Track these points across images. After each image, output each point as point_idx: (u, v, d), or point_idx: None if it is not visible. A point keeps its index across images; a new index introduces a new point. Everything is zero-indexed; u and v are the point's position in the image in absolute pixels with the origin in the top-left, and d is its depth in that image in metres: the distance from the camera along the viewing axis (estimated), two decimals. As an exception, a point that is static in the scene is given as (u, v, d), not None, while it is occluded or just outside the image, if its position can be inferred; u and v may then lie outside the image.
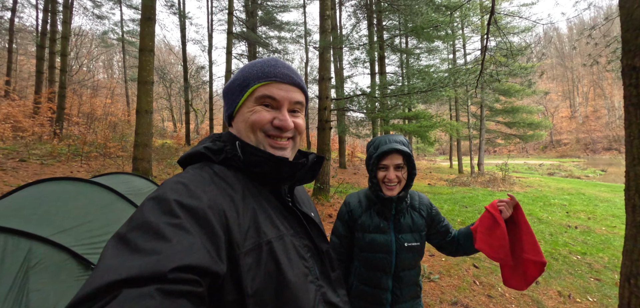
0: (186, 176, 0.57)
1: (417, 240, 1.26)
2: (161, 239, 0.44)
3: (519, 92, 15.84)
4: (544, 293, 3.26)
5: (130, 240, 0.44)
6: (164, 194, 0.51)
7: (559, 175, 18.77)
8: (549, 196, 9.42)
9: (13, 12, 14.21)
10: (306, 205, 0.80)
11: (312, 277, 0.64)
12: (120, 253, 0.42)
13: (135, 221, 0.47)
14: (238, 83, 0.69)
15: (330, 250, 0.74)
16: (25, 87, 17.68)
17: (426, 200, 1.34)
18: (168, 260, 0.41)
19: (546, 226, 5.93)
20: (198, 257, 0.44)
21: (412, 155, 1.24)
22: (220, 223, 0.52)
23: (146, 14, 6.19)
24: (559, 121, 48.19)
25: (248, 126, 0.66)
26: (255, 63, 0.69)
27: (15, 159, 6.97)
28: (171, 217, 0.47)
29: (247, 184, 0.63)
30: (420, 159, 29.63)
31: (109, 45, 21.46)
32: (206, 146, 0.67)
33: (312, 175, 0.74)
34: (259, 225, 0.59)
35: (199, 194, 0.53)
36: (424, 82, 7.08)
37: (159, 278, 0.40)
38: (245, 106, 0.67)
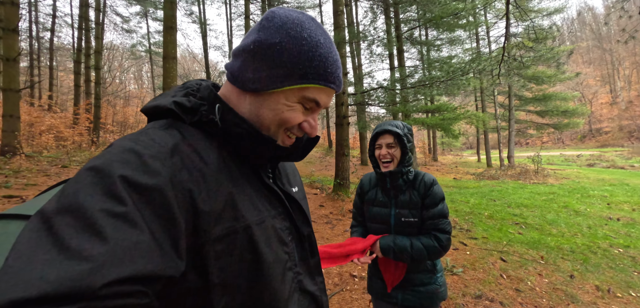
0: (143, 140, 0.45)
1: (415, 216, 1.35)
2: (95, 237, 0.33)
3: (550, 78, 14.83)
4: (580, 288, 3.03)
5: (54, 229, 0.33)
6: (109, 165, 0.39)
7: (600, 166, 17.33)
8: (588, 188, 8.75)
9: (52, 32, 15.48)
10: (290, 180, 0.72)
11: (291, 263, 0.59)
12: (37, 248, 0.32)
13: (67, 200, 0.36)
14: (290, 62, 0.52)
15: (311, 233, 0.68)
16: (66, 101, 19.20)
17: (429, 178, 1.38)
18: (100, 271, 0.32)
19: (584, 219, 5.52)
20: (144, 262, 0.35)
21: (404, 136, 1.36)
22: (183, 205, 0.43)
23: (168, 23, 6.50)
24: (598, 108, 44.48)
25: (277, 119, 0.55)
26: (317, 48, 0.53)
27: (58, 166, 7.60)
28: (113, 203, 0.36)
29: (222, 156, 0.53)
30: (446, 154, 28.63)
31: (138, 57, 22.77)
32: (176, 101, 0.53)
33: (301, 154, 0.67)
34: (236, 207, 0.50)
35: (157, 167, 0.42)
36: (443, 71, 6.83)
37: (85, 295, 0.30)
38: (284, 95, 0.54)
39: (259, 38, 0.53)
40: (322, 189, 7.15)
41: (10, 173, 6.11)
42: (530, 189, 8.67)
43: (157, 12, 16.90)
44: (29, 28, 16.62)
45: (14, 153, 7.26)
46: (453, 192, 8.31)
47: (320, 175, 10.01)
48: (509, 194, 7.96)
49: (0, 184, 5.35)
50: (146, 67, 30.04)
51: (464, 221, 5.33)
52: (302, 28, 0.53)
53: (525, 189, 8.68)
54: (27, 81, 15.81)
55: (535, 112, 17.25)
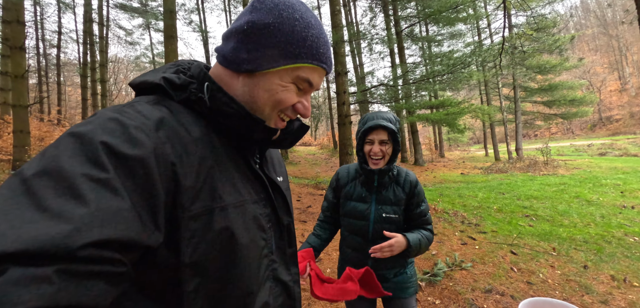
0: (128, 111, 0.44)
1: (397, 213, 1.32)
2: (76, 199, 0.33)
3: (555, 68, 14.57)
4: (594, 278, 2.94)
5: (33, 189, 0.33)
6: (92, 132, 0.38)
7: (612, 155, 16.91)
8: (600, 177, 8.54)
9: (58, 48, 15.84)
10: (276, 169, 0.72)
11: (267, 250, 0.58)
12: (17, 206, 0.31)
13: (47, 163, 0.35)
14: (284, 42, 0.52)
15: (291, 224, 0.68)
16: (74, 115, 19.58)
17: (412, 177, 1.36)
18: (80, 231, 0.31)
19: (597, 208, 5.37)
20: (124, 228, 0.35)
21: (397, 132, 1.30)
22: (166, 179, 0.42)
23: (168, 32, 6.58)
24: (607, 96, 43.52)
25: (272, 100, 0.55)
26: (309, 28, 0.54)
27: (67, 179, 7.73)
28: (95, 169, 0.36)
29: (209, 136, 0.52)
30: (453, 150, 28.30)
31: (142, 68, 23.15)
32: (166, 77, 0.53)
33: (291, 141, 0.66)
34: (216, 187, 0.49)
35: (141, 138, 0.41)
36: (443, 64, 6.76)
37: (63, 255, 0.30)
38: (278, 75, 0.54)
39: (252, 19, 0.52)
40: (323, 187, 7.12)
41: (21, 188, 6.24)
42: (540, 181, 8.49)
43: (159, 24, 17.15)
44: (36, 45, 17.03)
45: (24, 167, 7.42)
46: (461, 187, 8.18)
47: (326, 176, 9.98)
48: (518, 186, 7.81)
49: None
50: (151, 78, 30.53)
51: (472, 216, 5.23)
52: (293, 9, 0.53)
53: (535, 181, 8.51)
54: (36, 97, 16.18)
55: (542, 102, 16.96)
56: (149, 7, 15.85)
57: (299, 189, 7.22)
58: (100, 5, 13.53)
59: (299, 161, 15.28)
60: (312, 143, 26.11)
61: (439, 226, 4.61)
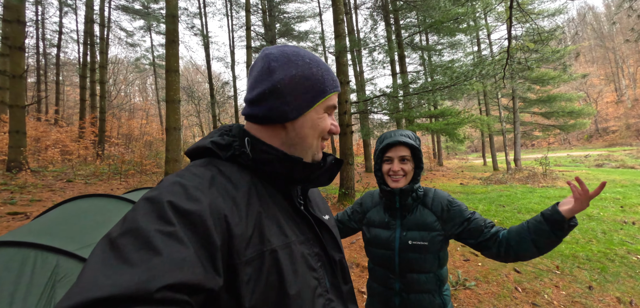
0: (186, 175, 0.52)
1: (426, 239, 1.15)
2: (151, 250, 0.40)
3: (554, 79, 14.67)
4: (600, 300, 2.90)
5: (119, 247, 0.40)
6: (160, 195, 0.46)
7: (609, 166, 17.01)
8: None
9: (58, 48, 15.75)
10: (320, 208, 0.75)
11: (321, 289, 0.60)
12: (106, 262, 0.39)
13: (128, 225, 0.43)
14: (312, 85, 0.62)
15: (343, 259, 0.70)
16: (72, 115, 19.43)
17: (443, 196, 1.21)
18: (156, 277, 0.37)
19: (598, 224, 5.35)
20: (190, 273, 0.40)
21: (420, 149, 1.21)
22: (220, 229, 0.48)
23: (170, 37, 6.54)
24: (604, 107, 43.93)
25: (318, 132, 0.64)
26: (319, 65, 0.64)
27: (63, 180, 7.62)
28: (164, 224, 0.43)
29: (255, 185, 0.58)
30: (451, 159, 28.38)
31: (142, 70, 23.07)
32: (213, 141, 0.61)
33: (329, 178, 0.70)
34: (264, 232, 0.53)
35: (198, 196, 0.48)
36: (446, 76, 6.77)
37: (144, 298, 0.36)
38: (315, 111, 0.63)
39: (280, 77, 0.61)
40: (327, 198, 7.07)
41: (16, 189, 6.13)
42: (540, 193, 8.49)
43: (160, 26, 17.13)
44: (36, 44, 16.95)
45: (20, 168, 7.30)
46: (461, 198, 8.16)
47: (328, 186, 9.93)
48: (518, 199, 7.80)
49: (5, 200, 5.36)
50: (150, 80, 30.44)
51: (473, 229, 5.19)
52: (300, 56, 0.63)
53: (535, 194, 8.50)
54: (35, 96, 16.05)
55: (540, 113, 17.05)
56: (151, 9, 15.84)
57: (299, 197, 7.18)
58: (102, 7, 13.49)
59: (298, 167, 15.22)
60: (311, 148, 26.05)
61: (441, 240, 4.56)
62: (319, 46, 17.78)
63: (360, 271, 3.45)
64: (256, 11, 15.29)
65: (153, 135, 19.43)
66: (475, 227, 1.13)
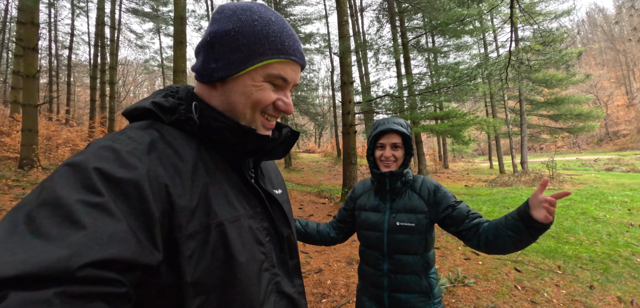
0: (120, 138, 0.46)
1: (412, 221, 1.20)
2: (73, 224, 0.34)
3: (562, 81, 14.49)
4: (601, 299, 2.88)
5: (33, 220, 0.34)
6: (85, 161, 0.40)
7: (619, 170, 16.68)
8: (607, 193, 8.41)
9: (70, 50, 16.15)
10: (273, 181, 0.72)
11: (267, 263, 0.58)
12: (17, 236, 0.32)
13: (45, 195, 0.36)
14: (246, 43, 0.53)
15: (291, 235, 0.68)
16: (82, 115, 19.86)
17: (430, 182, 1.27)
18: (78, 253, 0.32)
19: (603, 226, 5.29)
20: (121, 248, 0.36)
21: (410, 136, 1.26)
22: (160, 200, 0.43)
23: (178, 38, 6.69)
24: (614, 110, 43.06)
25: (250, 102, 0.55)
26: (270, 22, 0.55)
27: (73, 178, 7.81)
28: (90, 194, 0.37)
29: (202, 154, 0.53)
30: (457, 161, 28.14)
31: (150, 71, 23.48)
32: (155, 102, 0.54)
33: (284, 150, 0.67)
34: (210, 204, 0.50)
35: (133, 162, 0.42)
36: (449, 76, 6.77)
37: (62, 277, 0.31)
38: (249, 76, 0.54)
39: (214, 29, 0.55)
40: (330, 198, 7.11)
41: (28, 186, 6.31)
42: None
43: (169, 28, 17.44)
44: (49, 46, 17.41)
45: (31, 165, 7.52)
46: (465, 199, 8.11)
47: (329, 184, 9.97)
48: (523, 201, 7.63)
49: (17, 196, 5.53)
50: (159, 81, 30.91)
51: (475, 230, 5.18)
52: (252, 11, 0.55)
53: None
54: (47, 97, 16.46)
55: (548, 116, 16.84)
56: (160, 12, 16.14)
57: (302, 197, 7.23)
58: (113, 9, 13.82)
59: (302, 168, 15.30)
60: (316, 150, 26.14)
61: (442, 240, 4.58)
62: (325, 48, 17.88)
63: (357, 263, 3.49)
64: (262, 13, 15.45)
65: (160, 135, 19.75)
66: (458, 215, 1.16)
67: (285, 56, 0.55)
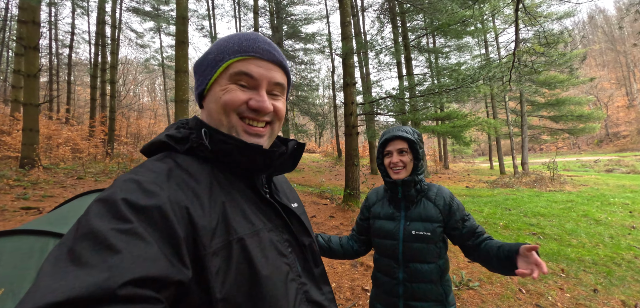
0: (141, 171, 0.50)
1: (428, 230, 1.21)
2: (109, 249, 0.38)
3: (562, 83, 14.48)
4: (605, 303, 2.88)
5: (74, 252, 0.38)
6: (113, 194, 0.44)
7: (619, 171, 16.70)
8: (608, 195, 8.42)
9: (71, 48, 16.12)
10: (287, 195, 0.75)
11: (293, 274, 0.59)
12: (60, 267, 0.36)
13: (82, 229, 0.40)
14: (211, 57, 0.60)
15: (313, 243, 0.69)
16: (82, 114, 19.83)
17: (446, 192, 1.28)
18: (117, 274, 0.36)
19: (605, 228, 5.29)
20: (155, 267, 0.39)
21: (417, 142, 1.26)
22: (182, 221, 0.46)
23: (180, 38, 6.67)
24: (614, 111, 43.08)
25: (220, 106, 0.58)
26: (232, 36, 0.62)
27: (74, 177, 7.80)
28: (120, 222, 0.41)
29: (216, 177, 0.56)
30: (457, 162, 28.15)
31: (151, 70, 23.44)
32: (169, 134, 0.59)
33: (293, 163, 0.69)
34: (229, 222, 0.52)
35: (155, 190, 0.46)
36: (453, 78, 6.76)
37: (106, 297, 0.34)
38: (217, 83, 0.59)
39: (196, 61, 0.65)
40: (332, 199, 7.10)
41: (29, 185, 6.30)
42: (547, 198, 8.40)
43: (170, 27, 17.43)
44: (49, 45, 17.36)
45: (32, 165, 7.50)
46: (466, 201, 8.12)
47: (330, 185, 9.96)
48: (524, 202, 7.73)
49: (19, 196, 5.52)
50: (159, 80, 30.87)
51: (478, 232, 5.18)
52: (228, 36, 0.62)
53: (542, 198, 8.42)
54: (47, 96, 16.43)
55: (549, 117, 16.83)
56: (161, 11, 16.11)
57: (303, 198, 7.22)
58: (114, 8, 13.79)
59: (303, 169, 15.29)
60: (316, 150, 26.13)
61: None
62: (326, 48, 17.87)
63: (364, 269, 3.49)
64: (264, 13, 15.45)
65: (161, 135, 19.72)
66: (468, 230, 1.22)
67: (243, 53, 0.59)
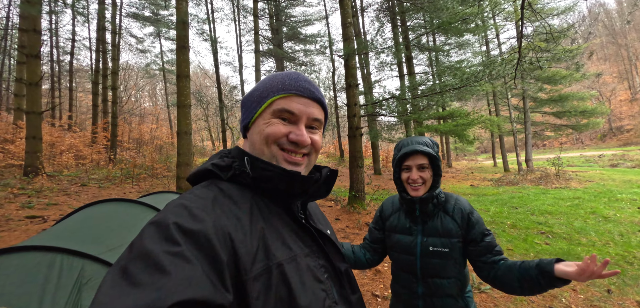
0: (189, 197, 0.54)
1: (446, 246, 1.16)
2: (160, 271, 0.41)
3: (565, 78, 14.38)
4: (620, 304, 2.82)
5: (128, 272, 0.42)
6: (165, 218, 0.48)
7: (624, 166, 16.55)
8: (615, 191, 8.32)
9: (72, 55, 16.18)
10: (321, 222, 0.76)
11: (330, 301, 0.59)
12: (117, 286, 0.40)
13: (135, 250, 0.44)
14: (257, 94, 0.66)
15: (349, 269, 0.69)
16: (84, 120, 19.89)
17: (465, 204, 1.22)
18: (166, 295, 0.39)
19: (614, 226, 5.22)
20: (199, 290, 0.41)
21: (438, 156, 1.20)
22: (225, 247, 0.49)
23: (180, 43, 6.66)
24: (617, 105, 42.78)
25: (262, 138, 0.63)
26: (277, 75, 0.67)
27: (78, 184, 7.79)
28: (171, 245, 0.44)
29: (256, 203, 0.60)
30: (460, 160, 28.04)
31: (152, 75, 23.50)
32: (214, 163, 0.64)
33: (326, 190, 0.71)
34: (269, 246, 0.54)
35: (202, 216, 0.50)
36: (456, 78, 6.71)
37: None
38: (261, 117, 0.65)
39: (244, 96, 0.71)
40: (336, 201, 7.07)
41: (33, 193, 6.29)
42: (553, 195, 8.32)
43: (169, 32, 17.47)
44: (50, 53, 17.41)
45: (36, 173, 7.50)
46: (471, 200, 8.05)
47: (334, 187, 9.91)
48: (531, 200, 7.65)
49: (23, 204, 5.51)
50: (160, 85, 30.95)
51: (485, 232, 5.12)
52: (273, 76, 0.68)
53: (548, 195, 8.34)
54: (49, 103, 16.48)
55: (552, 113, 16.73)
56: (161, 16, 16.14)
57: (308, 200, 7.18)
58: (114, 14, 13.82)
59: (306, 170, 15.23)
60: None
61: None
62: (326, 49, 17.84)
63: (373, 274, 3.44)
64: (263, 16, 15.46)
65: (163, 139, 19.72)
66: (485, 247, 1.15)
67: (285, 91, 0.64)
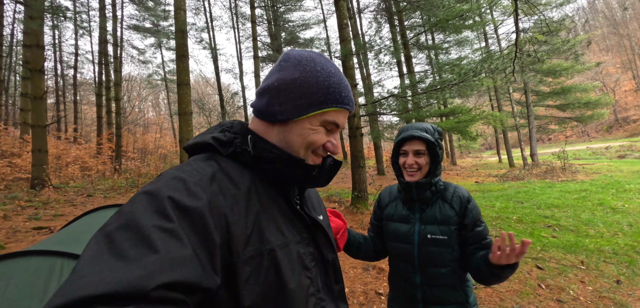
0: (187, 169, 0.52)
1: (445, 233, 1.14)
2: (148, 247, 0.39)
3: (567, 70, 14.24)
4: (629, 295, 2.77)
5: (115, 241, 0.39)
6: (159, 190, 0.45)
7: (632, 157, 16.30)
8: (623, 182, 8.20)
9: (75, 69, 16.41)
10: (315, 207, 0.75)
11: (313, 288, 0.60)
12: (101, 257, 0.37)
13: (125, 218, 0.42)
14: (310, 92, 0.59)
15: (336, 260, 0.70)
16: (89, 132, 20.13)
17: (463, 192, 1.20)
18: (153, 275, 0.37)
19: (623, 216, 5.13)
20: (188, 272, 0.40)
21: (436, 143, 1.17)
22: (219, 227, 0.47)
23: (180, 52, 6.73)
24: (622, 96, 42.21)
25: (306, 143, 0.61)
26: (331, 77, 0.61)
27: (84, 195, 7.87)
28: (164, 220, 0.42)
29: (255, 184, 0.58)
30: (465, 157, 27.85)
31: (154, 85, 23.73)
32: (214, 136, 0.61)
33: (327, 178, 0.70)
34: (263, 231, 0.53)
35: (199, 192, 0.48)
36: (454, 73, 6.68)
37: (139, 296, 0.35)
38: (308, 121, 0.61)
39: (281, 76, 0.61)
40: (340, 202, 7.04)
41: (40, 205, 6.37)
42: (560, 188, 8.21)
43: (170, 42, 17.63)
44: (54, 67, 17.70)
45: (43, 185, 7.60)
46: (477, 196, 7.98)
47: (338, 188, 9.89)
48: (536, 194, 7.56)
49: (30, 216, 5.58)
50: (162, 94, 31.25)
51: (491, 228, 5.07)
52: (315, 62, 0.62)
53: (554, 189, 8.24)
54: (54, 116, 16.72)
55: (555, 106, 16.56)
56: (161, 27, 16.33)
57: (311, 202, 7.17)
58: (115, 27, 14.02)
59: (309, 173, 15.24)
60: (321, 154, 26.07)
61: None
62: (325, 52, 17.89)
63: (376, 273, 3.42)
64: (261, 22, 15.56)
65: (167, 148, 19.88)
66: (474, 237, 1.15)
67: (341, 105, 0.62)
